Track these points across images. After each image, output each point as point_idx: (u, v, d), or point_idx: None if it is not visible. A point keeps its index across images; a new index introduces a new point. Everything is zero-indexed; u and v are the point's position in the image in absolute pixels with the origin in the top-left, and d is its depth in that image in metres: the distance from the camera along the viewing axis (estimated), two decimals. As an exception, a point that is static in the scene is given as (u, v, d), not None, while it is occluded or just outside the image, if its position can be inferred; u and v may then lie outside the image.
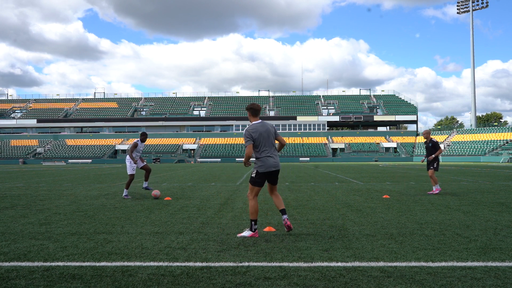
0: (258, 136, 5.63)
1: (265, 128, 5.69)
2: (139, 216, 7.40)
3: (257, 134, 5.63)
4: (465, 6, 75.93)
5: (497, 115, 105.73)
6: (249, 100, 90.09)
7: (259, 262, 4.26)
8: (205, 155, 72.27)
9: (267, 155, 5.63)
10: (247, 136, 5.64)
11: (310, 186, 13.93)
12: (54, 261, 4.35)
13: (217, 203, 9.28)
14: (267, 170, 5.63)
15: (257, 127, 5.68)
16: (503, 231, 5.79)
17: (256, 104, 5.94)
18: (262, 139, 5.63)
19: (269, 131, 5.72)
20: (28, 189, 13.51)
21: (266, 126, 5.74)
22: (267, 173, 5.67)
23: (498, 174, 21.72)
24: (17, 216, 7.47)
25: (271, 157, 5.64)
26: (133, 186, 14.60)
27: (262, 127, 5.70)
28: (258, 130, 5.65)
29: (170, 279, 3.73)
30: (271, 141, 5.71)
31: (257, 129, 5.66)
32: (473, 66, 74.99)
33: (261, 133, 5.64)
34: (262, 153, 5.64)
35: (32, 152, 73.56)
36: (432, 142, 11.03)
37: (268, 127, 5.74)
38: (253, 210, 5.60)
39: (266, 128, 5.71)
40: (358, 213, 7.54)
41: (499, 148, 62.19)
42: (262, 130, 5.67)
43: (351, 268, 4.06)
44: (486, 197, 10.08)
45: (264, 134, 5.65)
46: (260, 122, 5.77)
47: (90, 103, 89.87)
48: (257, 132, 5.64)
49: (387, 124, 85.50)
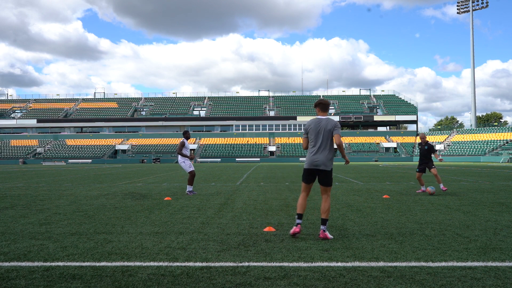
0: (310, 131, 5.60)
1: (318, 125, 5.54)
2: (139, 216, 7.40)
3: (309, 129, 5.62)
4: (465, 6, 75.92)
5: (497, 115, 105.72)
6: (249, 100, 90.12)
7: (259, 262, 4.26)
8: (205, 155, 72.25)
9: (312, 152, 5.57)
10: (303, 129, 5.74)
11: (310, 186, 13.91)
12: (54, 261, 4.35)
13: (217, 203, 9.28)
14: (307, 167, 5.60)
15: (311, 122, 5.65)
16: (503, 231, 5.79)
17: (323, 100, 5.75)
18: (313, 135, 5.56)
19: (321, 128, 5.51)
20: (28, 189, 13.51)
21: (320, 122, 5.55)
22: (308, 170, 5.59)
23: (498, 174, 21.72)
24: (17, 216, 7.47)
25: (315, 155, 5.51)
26: (133, 186, 14.60)
27: (316, 123, 5.58)
28: (310, 125, 5.62)
29: (170, 279, 3.73)
30: (322, 138, 5.48)
31: (310, 124, 5.64)
32: (473, 66, 75.05)
33: (312, 128, 5.58)
34: (310, 149, 5.62)
35: (32, 152, 73.55)
36: (428, 145, 11.32)
37: (322, 124, 5.53)
38: (297, 204, 5.66)
39: (320, 124, 5.53)
40: (358, 213, 7.54)
41: (499, 148, 62.18)
42: (314, 126, 5.56)
43: (351, 268, 4.06)
44: (486, 197, 10.08)
45: (315, 130, 5.55)
46: (317, 118, 5.65)
47: (90, 103, 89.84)
48: (309, 127, 5.63)
49: (387, 124, 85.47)
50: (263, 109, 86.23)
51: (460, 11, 76.82)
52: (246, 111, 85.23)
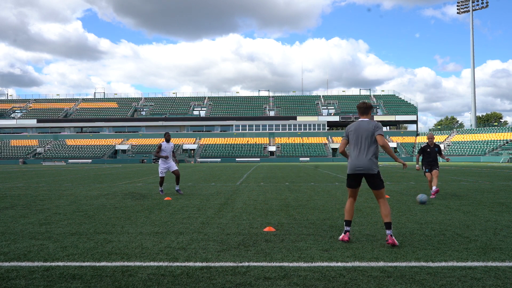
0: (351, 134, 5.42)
1: (358, 128, 5.35)
2: (139, 216, 7.40)
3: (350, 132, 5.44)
4: (465, 6, 75.94)
5: (497, 115, 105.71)
6: (249, 100, 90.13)
7: (259, 262, 4.26)
8: (205, 155, 72.27)
9: (353, 156, 5.36)
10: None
11: (310, 186, 13.92)
12: (54, 261, 4.35)
13: (217, 203, 9.28)
14: (349, 172, 5.37)
15: (352, 125, 5.47)
16: (503, 231, 5.79)
17: (362, 103, 5.53)
18: (354, 139, 5.36)
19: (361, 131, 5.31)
20: (28, 189, 13.51)
21: (361, 126, 5.35)
22: (352, 175, 5.36)
23: (498, 174, 21.72)
24: (17, 216, 7.47)
25: (356, 158, 5.29)
26: (133, 186, 14.61)
27: (357, 125, 5.39)
28: (351, 128, 5.45)
29: (170, 279, 3.73)
30: (362, 142, 5.27)
31: (350, 127, 5.46)
32: (473, 66, 75.07)
33: (352, 131, 5.41)
34: (351, 153, 5.43)
35: (32, 152, 73.55)
36: (438, 146, 10.84)
37: (362, 127, 5.32)
38: (345, 210, 5.42)
39: (360, 128, 5.33)
40: (358, 213, 7.54)
41: (499, 148, 62.18)
42: (355, 129, 5.38)
43: (351, 268, 4.06)
44: (486, 197, 10.08)
45: (355, 133, 5.37)
46: (359, 121, 5.46)
47: (90, 103, 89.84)
48: (350, 130, 5.46)
49: (387, 124, 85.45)
50: (263, 109, 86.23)
51: (460, 11, 76.85)
52: (246, 111, 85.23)
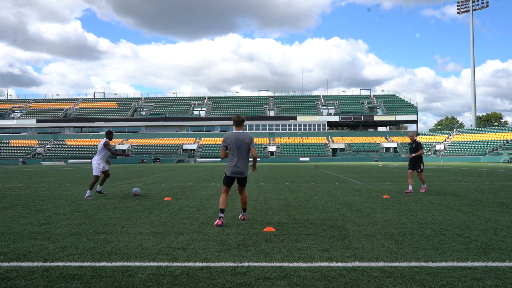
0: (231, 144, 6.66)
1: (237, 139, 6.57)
2: (139, 216, 7.40)
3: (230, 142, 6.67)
4: (465, 6, 75.94)
5: (497, 115, 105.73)
6: (249, 100, 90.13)
7: (259, 262, 4.26)
8: (205, 155, 72.24)
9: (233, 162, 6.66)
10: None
11: (310, 186, 13.92)
12: (54, 261, 4.35)
13: (217, 203, 9.27)
14: (229, 174, 6.73)
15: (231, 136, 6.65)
16: (503, 231, 5.79)
17: (237, 116, 6.69)
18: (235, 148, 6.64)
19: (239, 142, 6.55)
20: (28, 189, 13.51)
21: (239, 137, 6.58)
22: (231, 177, 6.78)
23: (498, 174, 21.72)
24: (17, 216, 7.46)
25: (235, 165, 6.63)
26: (133, 186, 14.59)
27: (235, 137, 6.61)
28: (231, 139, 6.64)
29: (170, 279, 3.73)
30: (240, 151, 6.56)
31: (230, 138, 6.64)
32: (473, 66, 75.05)
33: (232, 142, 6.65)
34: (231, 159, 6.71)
35: (32, 152, 73.54)
36: (416, 143, 11.57)
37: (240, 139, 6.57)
38: (220, 202, 6.77)
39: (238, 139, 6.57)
40: (358, 213, 7.54)
41: (499, 148, 62.17)
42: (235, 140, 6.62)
43: (351, 268, 4.06)
44: (486, 197, 10.07)
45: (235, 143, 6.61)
46: (235, 132, 6.66)
47: (90, 103, 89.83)
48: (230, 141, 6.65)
49: (387, 124, 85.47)
50: (263, 109, 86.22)
51: (460, 11, 76.85)
52: (246, 111, 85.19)
